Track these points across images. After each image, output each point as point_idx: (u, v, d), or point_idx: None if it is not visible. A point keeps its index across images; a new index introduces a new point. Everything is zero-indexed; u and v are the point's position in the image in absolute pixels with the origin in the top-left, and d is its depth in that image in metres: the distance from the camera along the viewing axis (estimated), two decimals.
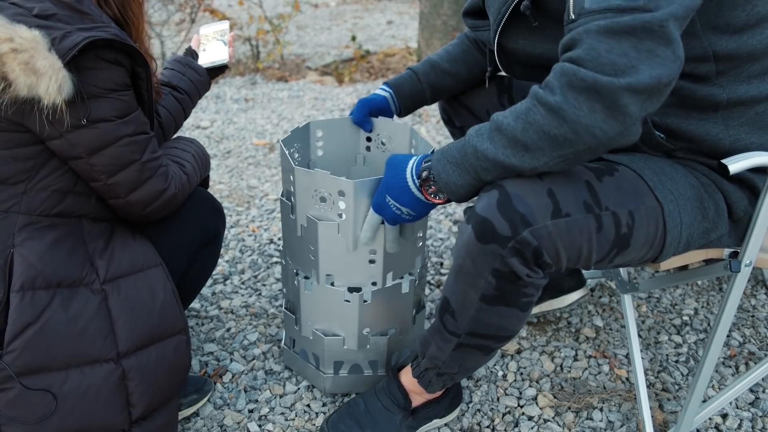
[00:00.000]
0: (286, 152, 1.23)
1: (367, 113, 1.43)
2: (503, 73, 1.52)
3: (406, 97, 1.47)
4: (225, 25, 1.50)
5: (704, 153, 1.06)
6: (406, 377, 1.25)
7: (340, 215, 1.18)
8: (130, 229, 1.17)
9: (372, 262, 1.23)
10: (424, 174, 1.02)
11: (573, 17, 0.88)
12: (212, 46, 1.47)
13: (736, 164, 0.97)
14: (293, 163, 1.19)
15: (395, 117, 1.49)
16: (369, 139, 1.47)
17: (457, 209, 2.24)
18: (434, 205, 1.07)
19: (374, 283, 1.26)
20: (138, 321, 1.08)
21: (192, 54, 1.46)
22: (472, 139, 0.95)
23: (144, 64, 1.05)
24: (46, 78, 0.89)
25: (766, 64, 1.00)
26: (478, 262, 0.97)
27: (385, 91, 1.46)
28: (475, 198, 1.00)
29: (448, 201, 1.04)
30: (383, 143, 1.46)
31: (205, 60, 1.45)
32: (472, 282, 1.00)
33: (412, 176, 1.04)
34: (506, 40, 1.17)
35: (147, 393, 1.09)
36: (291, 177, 1.21)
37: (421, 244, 1.33)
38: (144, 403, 1.09)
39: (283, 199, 1.29)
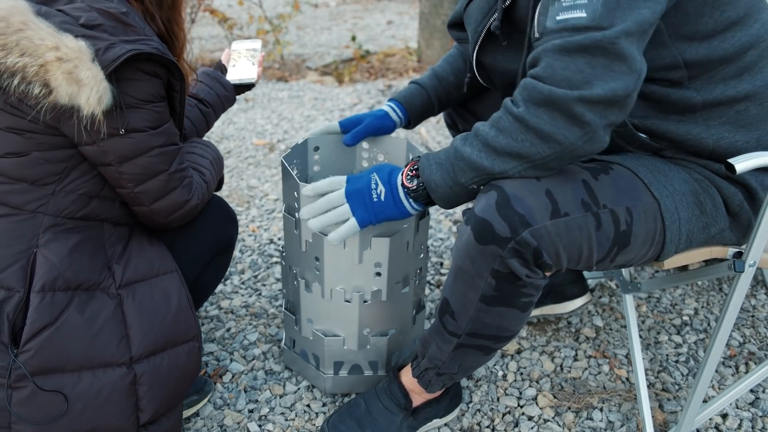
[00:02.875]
0: (290, 169, 1.23)
1: (363, 137, 1.42)
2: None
3: (419, 115, 1.47)
4: (257, 44, 1.53)
5: (691, 152, 1.06)
6: (407, 377, 1.25)
7: None
8: (148, 234, 1.18)
9: (378, 274, 1.24)
10: (411, 160, 1.06)
11: (537, 36, 0.93)
12: (242, 63, 1.50)
13: (742, 164, 0.98)
14: (298, 180, 1.19)
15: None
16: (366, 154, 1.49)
17: (457, 209, 2.24)
18: (405, 208, 1.06)
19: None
20: (152, 326, 1.08)
21: (221, 68, 1.49)
22: (456, 142, 0.99)
23: (180, 77, 1.06)
24: (87, 88, 0.90)
25: (741, 65, 1.00)
26: (477, 263, 0.98)
27: (394, 110, 1.43)
28: (470, 203, 1.01)
29: (416, 192, 1.03)
30: (380, 159, 1.47)
31: (233, 76, 1.47)
32: (472, 283, 1.00)
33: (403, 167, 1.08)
34: (484, 56, 1.19)
35: (156, 398, 1.09)
36: (295, 193, 1.21)
37: (422, 255, 1.33)
38: (152, 408, 1.09)
39: (287, 214, 1.29)
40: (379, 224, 1.08)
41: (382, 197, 1.05)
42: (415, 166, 1.04)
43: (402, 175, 1.06)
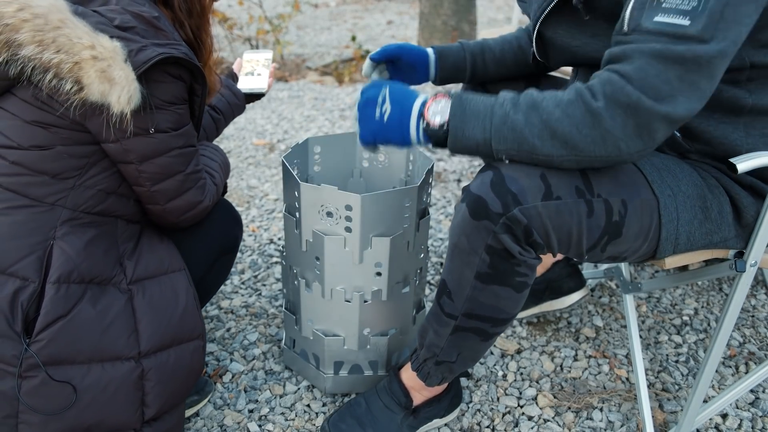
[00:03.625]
0: (290, 168, 1.23)
1: (392, 54, 1.33)
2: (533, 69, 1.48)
3: (448, 70, 1.41)
4: (269, 54, 1.56)
5: (718, 158, 1.06)
6: (407, 373, 1.26)
7: (347, 229, 1.18)
8: (158, 232, 1.20)
9: (378, 274, 1.24)
10: (439, 93, 0.98)
11: (626, 30, 0.90)
12: (253, 73, 1.52)
13: (744, 163, 0.98)
14: (299, 179, 1.20)
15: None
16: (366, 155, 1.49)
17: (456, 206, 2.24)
18: (409, 137, 0.99)
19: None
20: (160, 322, 1.10)
21: (233, 76, 1.51)
22: (506, 104, 0.93)
23: (203, 82, 1.09)
24: (118, 87, 0.94)
25: None
26: (472, 239, 1.00)
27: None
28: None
29: (434, 131, 0.97)
30: (381, 158, 1.48)
31: (244, 85, 1.49)
32: (468, 260, 1.02)
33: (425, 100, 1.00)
34: (546, 28, 1.17)
35: (162, 394, 1.10)
36: (296, 192, 1.21)
37: (422, 255, 1.34)
38: (158, 404, 1.10)
39: (287, 213, 1.29)
40: (384, 146, 1.02)
41: (386, 117, 0.99)
42: (443, 102, 0.97)
43: (427, 106, 0.98)
